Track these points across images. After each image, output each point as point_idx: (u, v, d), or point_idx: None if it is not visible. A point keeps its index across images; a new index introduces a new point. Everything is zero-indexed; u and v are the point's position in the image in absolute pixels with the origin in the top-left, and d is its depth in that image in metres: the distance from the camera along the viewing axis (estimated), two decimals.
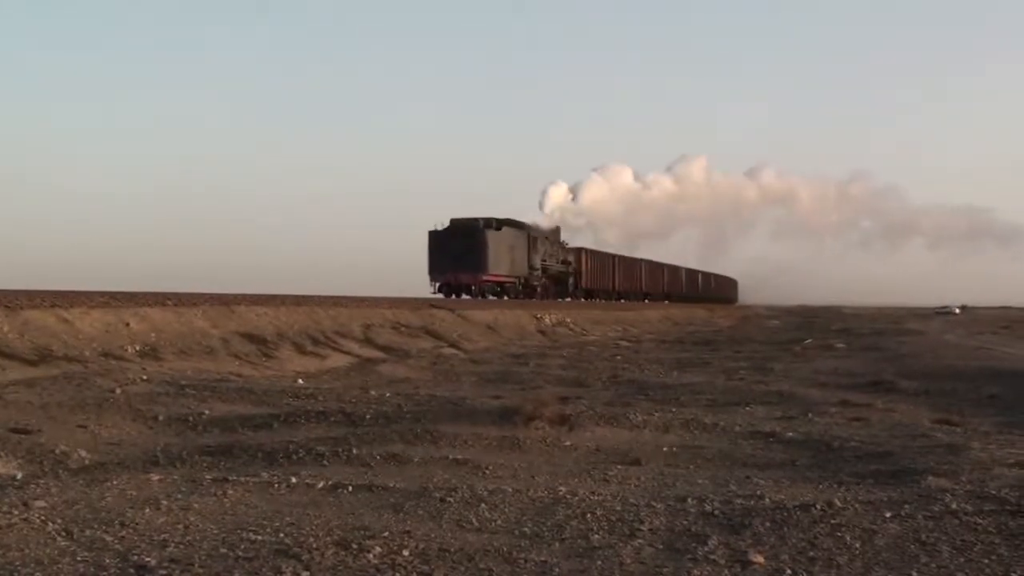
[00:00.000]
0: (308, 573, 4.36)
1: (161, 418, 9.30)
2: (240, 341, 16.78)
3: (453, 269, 39.35)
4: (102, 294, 18.54)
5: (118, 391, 10.58)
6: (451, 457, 7.38)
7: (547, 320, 31.87)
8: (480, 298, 38.06)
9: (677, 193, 64.85)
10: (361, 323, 21.50)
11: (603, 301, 52.90)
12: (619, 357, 21.71)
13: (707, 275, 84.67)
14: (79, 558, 4.52)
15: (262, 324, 18.24)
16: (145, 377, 11.82)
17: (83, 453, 7.62)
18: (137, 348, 14.41)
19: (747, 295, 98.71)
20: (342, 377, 15.26)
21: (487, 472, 6.94)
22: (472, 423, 9.01)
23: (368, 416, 9.50)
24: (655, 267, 67.43)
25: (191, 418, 9.37)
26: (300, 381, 13.60)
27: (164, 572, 4.34)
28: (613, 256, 58.13)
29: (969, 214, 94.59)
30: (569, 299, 48.93)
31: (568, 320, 33.75)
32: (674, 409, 10.57)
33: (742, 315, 64.62)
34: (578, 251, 52.16)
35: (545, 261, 46.40)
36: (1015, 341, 28.96)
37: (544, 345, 26.08)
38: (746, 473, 7.20)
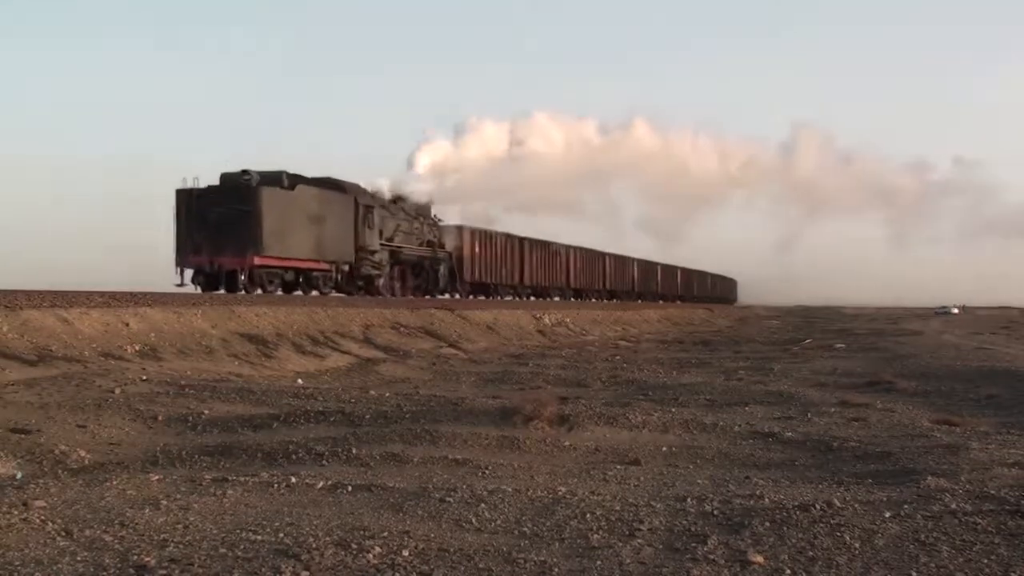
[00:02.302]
0: (308, 573, 4.36)
1: (161, 418, 9.29)
2: (240, 341, 16.77)
3: (211, 248, 24.48)
4: (102, 294, 18.53)
5: (118, 391, 10.57)
6: (451, 457, 7.38)
7: (546, 320, 31.86)
8: (261, 291, 24.54)
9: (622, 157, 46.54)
10: (361, 323, 21.49)
11: (511, 299, 41.33)
12: (618, 357, 21.72)
13: (687, 271, 73.88)
14: (79, 558, 4.52)
15: (262, 324, 18.24)
16: (145, 377, 11.81)
17: (83, 453, 7.62)
18: (137, 348, 14.40)
19: (745, 295, 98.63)
20: (342, 377, 15.26)
21: (487, 472, 6.94)
22: (472, 423, 9.01)
23: (368, 416, 9.50)
24: (593, 257, 54.01)
25: (191, 418, 9.37)
26: (300, 381, 13.59)
27: (164, 572, 4.34)
28: (521, 240, 43.26)
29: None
30: (446, 295, 36.21)
31: (567, 320, 33.75)
32: (673, 409, 10.57)
33: (741, 315, 64.62)
34: (458, 231, 36.90)
35: (393, 241, 31.36)
36: (1015, 341, 28.97)
37: (543, 345, 26.08)
38: (745, 473, 7.20)
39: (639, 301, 58.25)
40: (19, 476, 6.66)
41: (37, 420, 8.73)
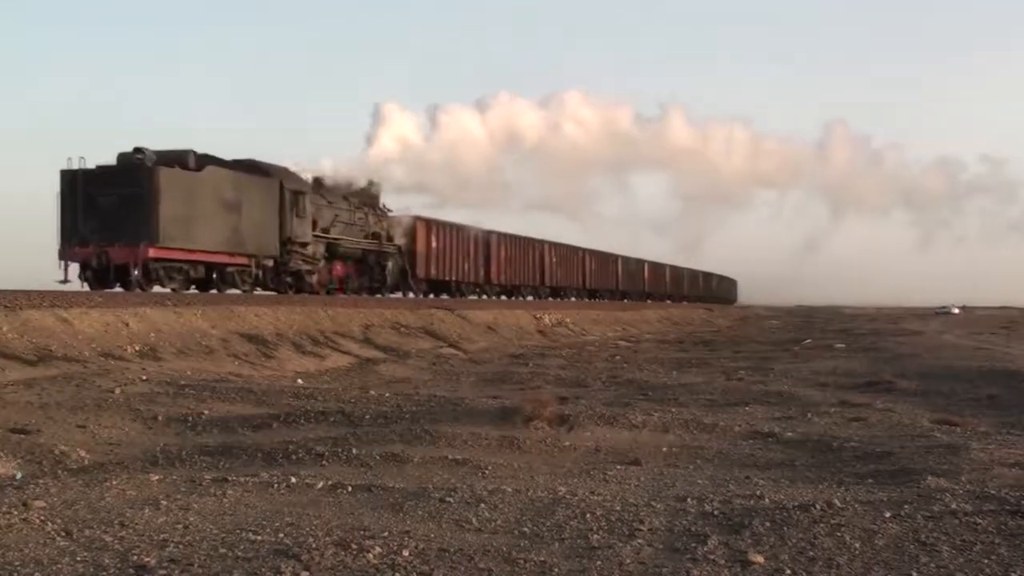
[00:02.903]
0: (308, 573, 4.36)
1: (160, 418, 9.29)
2: (239, 341, 16.76)
3: (99, 239, 21.03)
4: (101, 294, 18.55)
5: (117, 391, 10.57)
6: (451, 457, 7.38)
7: (546, 320, 31.86)
8: (159, 288, 21.49)
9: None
10: (360, 323, 21.49)
11: (475, 299, 37.61)
12: (618, 357, 21.72)
13: (676, 269, 70.91)
14: (78, 558, 4.52)
15: (261, 324, 18.23)
16: (144, 377, 11.81)
17: (82, 453, 7.62)
18: (136, 348, 14.40)
19: (745, 295, 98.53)
20: (341, 377, 15.25)
21: (487, 472, 6.94)
22: (472, 423, 9.01)
23: (367, 416, 9.50)
24: (572, 253, 50.40)
25: (190, 418, 9.37)
26: (299, 381, 13.59)
27: (163, 572, 4.34)
28: (487, 234, 39.08)
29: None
30: (399, 294, 32.63)
31: (567, 320, 33.75)
32: (673, 409, 10.57)
33: (741, 315, 64.62)
34: (411, 223, 33.03)
35: (330, 232, 27.88)
36: (1015, 341, 28.96)
37: (543, 345, 26.08)
38: (745, 473, 7.20)
39: (624, 300, 55.51)
40: (19, 476, 6.66)
41: (37, 420, 8.73)
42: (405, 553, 4.65)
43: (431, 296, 34.97)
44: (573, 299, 48.94)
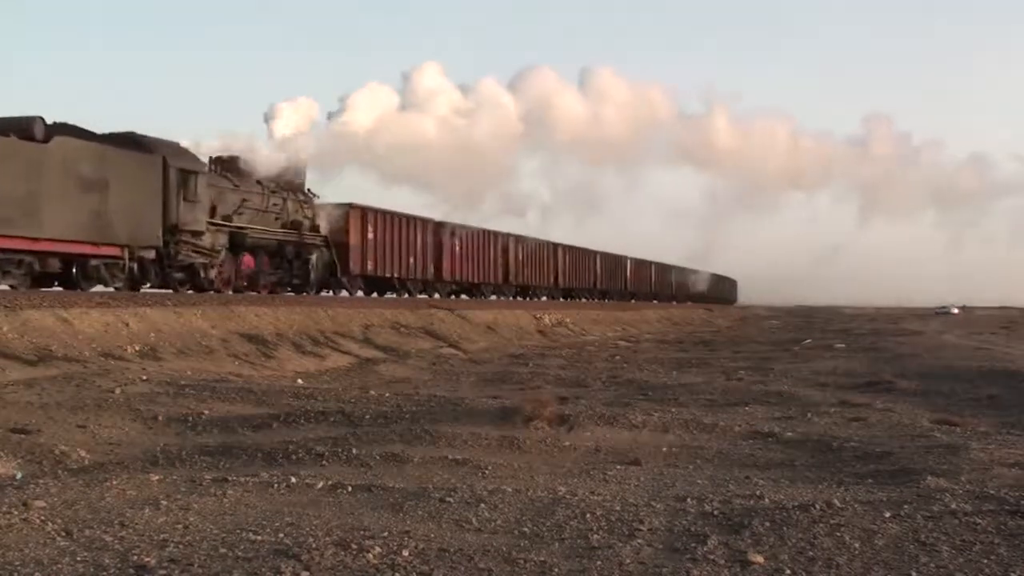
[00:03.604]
0: (308, 573, 4.36)
1: (160, 418, 9.29)
2: (239, 341, 16.77)
3: None
4: (101, 294, 18.54)
5: (117, 391, 10.57)
6: (450, 457, 7.38)
7: (546, 320, 31.86)
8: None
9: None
10: (360, 323, 21.50)
11: (425, 297, 33.86)
12: (618, 357, 21.72)
13: (665, 267, 66.32)
14: (79, 558, 4.52)
15: (261, 324, 18.24)
16: (144, 377, 11.81)
17: (82, 453, 7.62)
18: (136, 348, 14.40)
19: (745, 295, 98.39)
20: (341, 377, 15.26)
21: (486, 472, 6.94)
22: (472, 423, 9.01)
23: (367, 416, 9.50)
24: (543, 249, 45.95)
25: (190, 418, 9.37)
26: (299, 381, 13.59)
27: (164, 572, 4.34)
28: (438, 225, 34.98)
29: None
30: (329, 292, 28.93)
31: (567, 320, 33.75)
32: (673, 409, 10.57)
33: (741, 315, 64.61)
34: (343, 211, 29.35)
35: (233, 220, 24.08)
36: (1015, 341, 28.96)
37: (543, 345, 26.08)
38: (745, 473, 7.20)
39: (604, 300, 51.90)
40: (19, 476, 6.66)
41: (37, 420, 8.73)
42: (405, 553, 4.65)
43: (375, 295, 31.65)
44: (544, 299, 45.03)
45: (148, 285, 21.66)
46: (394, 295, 32.15)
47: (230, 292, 23.24)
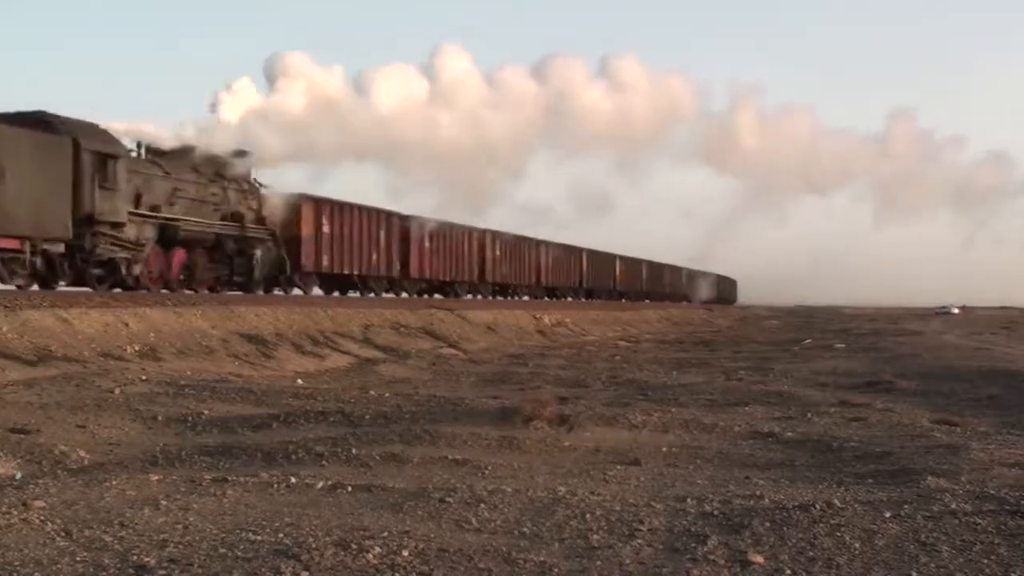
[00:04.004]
0: (307, 573, 4.36)
1: (160, 418, 9.29)
2: (239, 341, 16.77)
3: None
4: (100, 294, 18.55)
5: (117, 391, 10.57)
6: (450, 457, 7.38)
7: (546, 320, 31.86)
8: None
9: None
10: (360, 323, 21.51)
11: (391, 296, 32.19)
12: (618, 357, 21.72)
13: (656, 265, 63.79)
14: (78, 558, 4.52)
15: (261, 324, 18.24)
16: (144, 377, 11.81)
17: (82, 453, 7.61)
18: (136, 348, 14.41)
19: (745, 295, 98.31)
20: (341, 377, 15.25)
21: (486, 472, 6.94)
22: (471, 423, 9.00)
23: (367, 416, 9.49)
24: (523, 245, 43.53)
25: (190, 418, 9.37)
26: (299, 381, 13.59)
27: (163, 572, 4.34)
28: (404, 219, 32.85)
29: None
30: (279, 290, 27.19)
31: (567, 320, 33.76)
32: (673, 409, 10.56)
33: (741, 315, 64.61)
34: (294, 202, 26.95)
35: (162, 210, 21.94)
36: (1015, 341, 28.96)
37: (543, 345, 26.09)
38: (745, 473, 7.20)
39: (589, 300, 50.01)
40: (19, 476, 6.66)
41: (37, 420, 8.72)
42: (405, 553, 4.65)
43: (336, 293, 29.60)
44: (526, 298, 43.16)
45: (63, 283, 19.75)
46: (357, 294, 30.20)
47: (163, 289, 21.53)
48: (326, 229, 28.38)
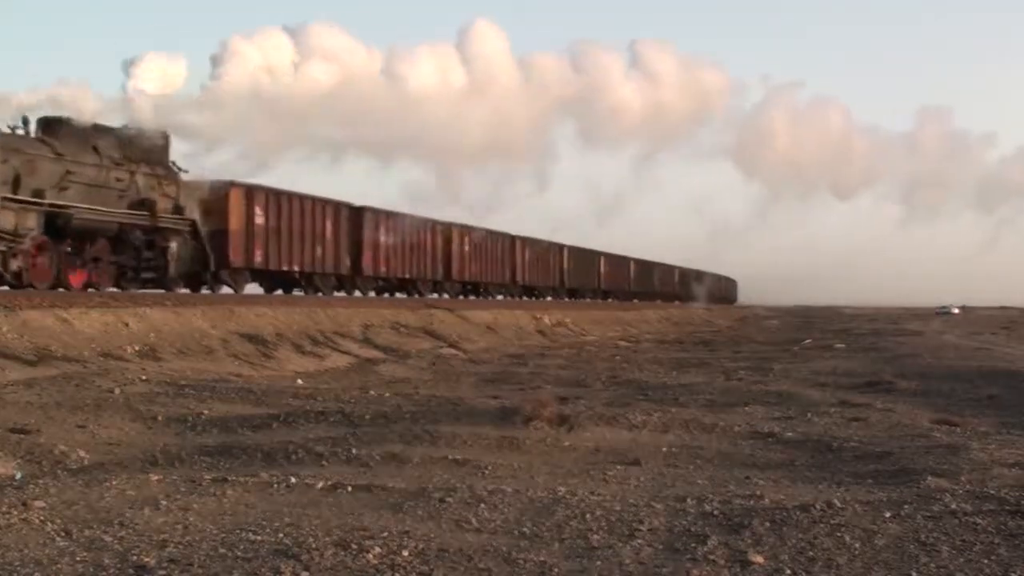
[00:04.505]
0: (307, 573, 4.36)
1: (160, 418, 9.29)
2: (239, 341, 16.78)
3: None
4: (101, 294, 18.54)
5: (117, 391, 10.57)
6: (450, 457, 7.38)
7: (546, 320, 31.87)
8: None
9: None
10: (360, 323, 21.51)
11: (342, 295, 29.32)
12: (618, 357, 21.72)
13: (645, 264, 61.02)
14: (78, 558, 4.52)
15: (261, 324, 18.24)
16: (144, 377, 11.81)
17: (82, 453, 7.61)
18: (136, 348, 14.41)
19: (745, 295, 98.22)
20: (341, 377, 15.25)
21: (486, 472, 6.94)
22: (471, 423, 9.00)
23: (367, 416, 9.49)
24: (496, 241, 40.47)
25: (190, 418, 9.37)
26: (299, 381, 13.59)
27: (163, 572, 4.34)
28: (358, 211, 30.48)
29: None
30: (207, 288, 24.27)
31: (567, 320, 33.76)
32: (673, 409, 10.56)
33: (741, 315, 64.62)
34: (223, 189, 24.21)
35: (55, 196, 19.13)
36: (1015, 341, 28.97)
37: (543, 345, 26.09)
38: (745, 473, 7.20)
39: (570, 299, 47.40)
40: (19, 476, 6.66)
41: (37, 420, 8.72)
42: (405, 553, 4.65)
43: (279, 292, 27.08)
44: (500, 297, 40.31)
45: None
46: (301, 292, 27.65)
47: (44, 288, 18.43)
48: (260, 220, 25.48)
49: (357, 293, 30.49)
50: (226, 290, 24.78)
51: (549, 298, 46.18)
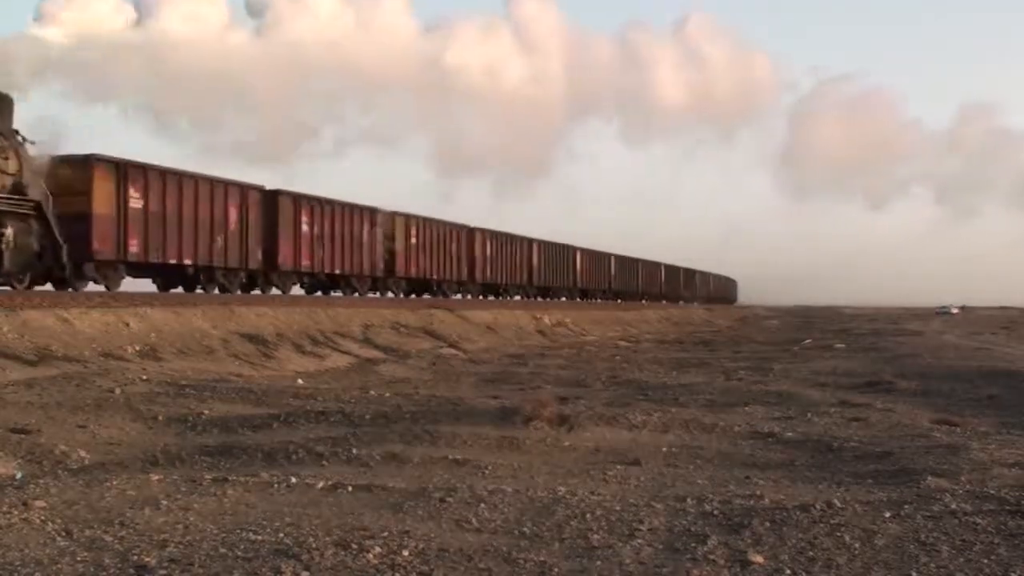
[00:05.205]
0: (308, 573, 4.36)
1: (161, 418, 9.29)
2: (240, 341, 16.78)
3: None
4: (101, 294, 18.55)
5: (117, 391, 10.57)
6: (450, 457, 7.38)
7: (546, 320, 31.88)
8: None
9: None
10: (360, 323, 21.52)
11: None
12: (618, 357, 21.72)
13: (628, 261, 55.74)
14: (79, 558, 4.52)
15: (261, 324, 18.25)
16: (145, 377, 11.81)
17: (83, 453, 7.62)
18: (137, 348, 14.41)
19: (745, 295, 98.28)
20: (341, 377, 15.25)
21: (486, 472, 6.94)
22: (472, 423, 9.01)
23: (367, 416, 9.50)
24: (445, 233, 35.14)
25: (191, 418, 9.37)
26: (300, 381, 13.59)
27: (164, 572, 4.34)
28: (274, 195, 26.25)
29: None
30: (39, 286, 19.26)
31: (567, 320, 33.76)
32: (673, 409, 10.56)
33: (741, 315, 64.61)
34: (83, 166, 20.02)
35: None
36: (1015, 341, 28.97)
37: (543, 345, 26.10)
38: (745, 473, 7.20)
39: (544, 299, 43.18)
40: (19, 476, 6.66)
41: (37, 420, 8.73)
42: (405, 553, 4.65)
43: (177, 291, 23.42)
44: (459, 296, 36.02)
45: None
46: (201, 290, 23.59)
47: None
48: (137, 203, 21.17)
49: (275, 290, 26.53)
50: (94, 287, 20.76)
51: (518, 297, 42.08)
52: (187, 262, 22.89)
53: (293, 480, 6.32)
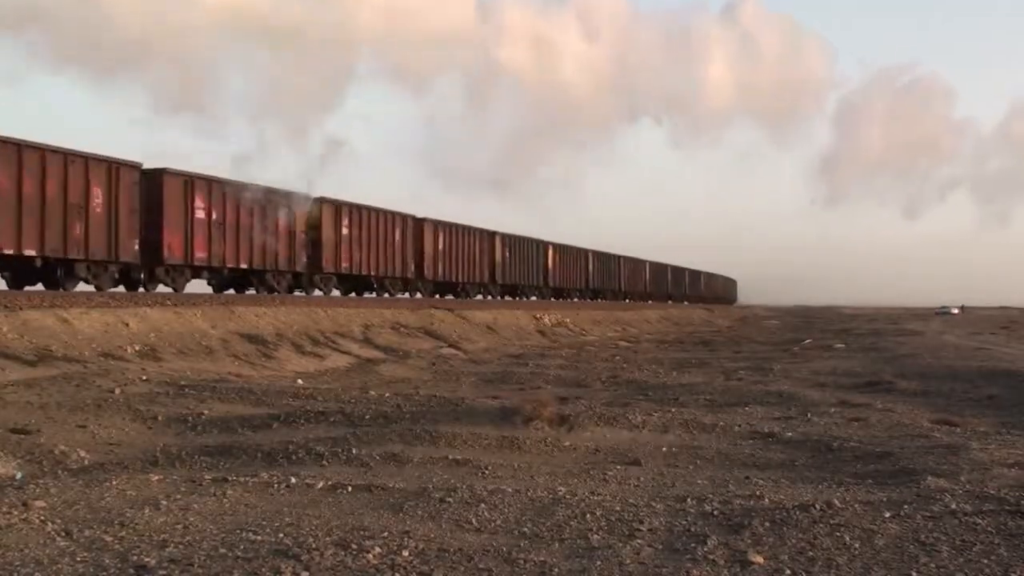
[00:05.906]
0: (307, 573, 4.36)
1: (160, 418, 9.29)
2: (239, 341, 16.77)
3: None
4: (101, 294, 18.54)
5: (117, 391, 10.57)
6: (450, 457, 7.38)
7: (546, 320, 31.87)
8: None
9: None
10: (360, 323, 21.51)
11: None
12: (618, 357, 21.72)
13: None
14: (78, 558, 4.52)
15: (261, 324, 18.24)
16: (144, 377, 11.81)
17: (82, 453, 7.61)
18: (136, 348, 14.40)
19: (745, 295, 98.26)
20: (341, 377, 15.25)
21: (486, 472, 6.94)
22: (471, 423, 9.01)
23: (367, 416, 9.50)
24: (384, 222, 30.32)
25: (190, 418, 9.37)
26: (299, 381, 13.59)
27: (164, 572, 4.34)
28: (189, 181, 22.75)
29: None
30: None
31: (567, 320, 33.76)
32: (673, 409, 10.57)
33: (741, 315, 64.62)
34: None
35: None
36: (1015, 341, 28.98)
37: (543, 345, 26.09)
38: (745, 473, 7.20)
39: (506, 298, 39.18)
40: (19, 476, 6.66)
41: (37, 420, 8.73)
42: (405, 553, 4.65)
43: (37, 288, 19.40)
44: (406, 295, 32.22)
45: None
46: (90, 288, 20.28)
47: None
48: None
49: (162, 287, 22.82)
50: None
51: (479, 297, 38.16)
52: (36, 253, 18.76)
53: (293, 480, 6.32)
